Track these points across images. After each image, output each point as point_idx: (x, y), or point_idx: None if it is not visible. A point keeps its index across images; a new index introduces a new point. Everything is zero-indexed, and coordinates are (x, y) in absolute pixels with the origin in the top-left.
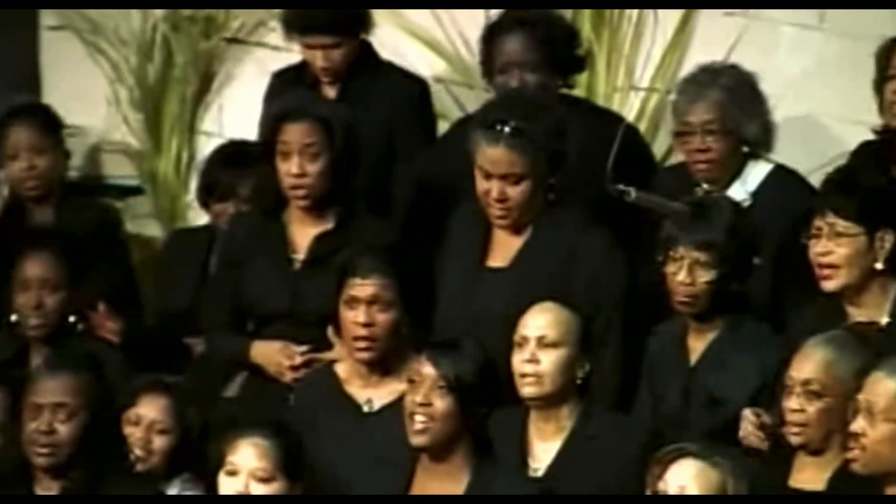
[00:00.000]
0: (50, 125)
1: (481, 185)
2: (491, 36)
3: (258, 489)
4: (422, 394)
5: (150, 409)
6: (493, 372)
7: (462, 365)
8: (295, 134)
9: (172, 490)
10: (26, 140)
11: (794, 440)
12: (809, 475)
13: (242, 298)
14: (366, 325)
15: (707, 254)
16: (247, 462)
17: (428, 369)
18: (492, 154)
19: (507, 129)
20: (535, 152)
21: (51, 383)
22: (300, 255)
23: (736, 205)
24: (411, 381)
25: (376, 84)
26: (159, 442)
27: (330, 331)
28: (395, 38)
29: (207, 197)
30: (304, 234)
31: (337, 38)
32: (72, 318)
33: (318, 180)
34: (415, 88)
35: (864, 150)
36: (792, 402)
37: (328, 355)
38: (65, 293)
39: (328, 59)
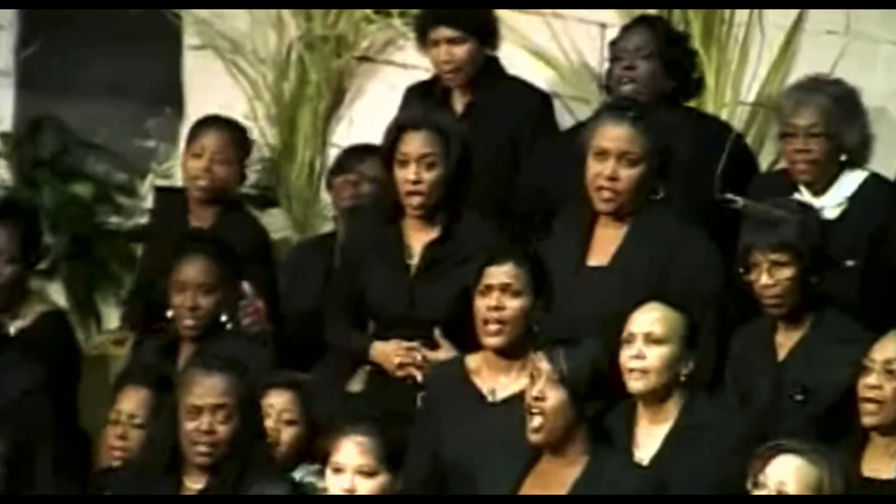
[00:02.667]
0: (238, 140)
1: (594, 168)
2: (619, 36)
3: (363, 484)
4: (537, 388)
5: (277, 401)
6: (608, 368)
7: (576, 360)
8: (413, 143)
9: (296, 475)
10: (213, 143)
11: (869, 420)
12: (881, 464)
13: (363, 300)
14: (496, 308)
15: (782, 253)
16: (351, 459)
17: (543, 364)
18: (615, 132)
19: (632, 112)
20: (653, 139)
21: (209, 384)
22: (415, 261)
23: (803, 203)
24: (531, 376)
25: (502, 98)
26: (287, 433)
27: (437, 332)
28: (511, 54)
29: (332, 174)
30: (418, 239)
31: (458, 32)
32: (223, 318)
33: (433, 188)
34: (538, 102)
35: None
36: (870, 379)
37: (439, 354)
38: (219, 295)
39: (450, 54)
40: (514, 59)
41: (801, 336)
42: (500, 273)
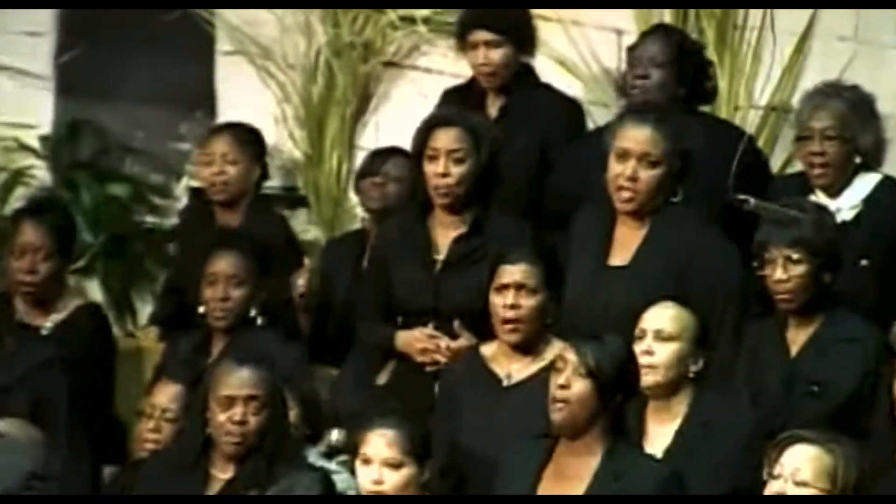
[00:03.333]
0: (244, 141)
1: (615, 168)
2: (636, 44)
3: (390, 476)
4: (564, 377)
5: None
6: (629, 364)
7: (602, 355)
8: (443, 139)
9: (311, 456)
10: (221, 147)
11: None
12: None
13: (391, 294)
14: (513, 307)
15: (796, 249)
16: (377, 452)
17: (571, 355)
18: (637, 133)
19: (653, 115)
20: (673, 142)
21: (242, 377)
22: (441, 256)
23: (818, 203)
24: (557, 368)
25: (535, 103)
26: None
27: (456, 323)
28: (535, 61)
29: (359, 177)
30: (445, 236)
31: (496, 35)
32: (252, 313)
33: (461, 182)
34: (570, 110)
35: None
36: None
37: (461, 343)
38: (249, 288)
39: (487, 58)
40: (535, 64)
41: (813, 333)
42: (515, 272)
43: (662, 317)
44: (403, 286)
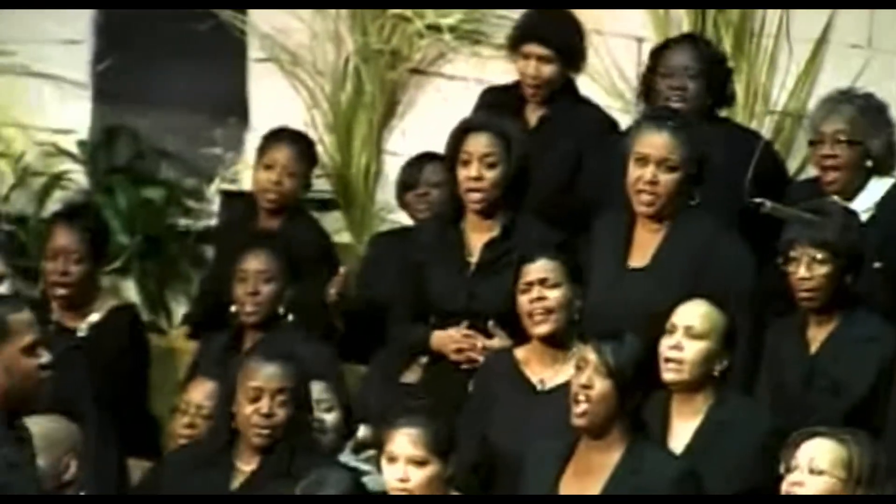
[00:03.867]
0: (305, 154)
1: (634, 172)
2: (661, 49)
3: (415, 473)
4: (585, 377)
5: (313, 392)
6: (648, 363)
7: (621, 354)
8: (476, 144)
9: (342, 458)
10: (283, 158)
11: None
12: None
13: (426, 296)
14: (539, 299)
15: (822, 250)
16: (403, 450)
17: (591, 355)
18: (655, 139)
19: (672, 121)
20: (691, 147)
21: (270, 370)
22: (474, 259)
23: (846, 207)
24: (578, 367)
25: (574, 117)
26: (330, 419)
27: (491, 323)
28: None
29: (398, 191)
30: (477, 239)
31: (549, 51)
32: (281, 310)
33: (492, 186)
34: (607, 125)
35: None
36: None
37: (494, 343)
38: (278, 286)
39: (538, 71)
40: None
41: (832, 331)
42: (536, 269)
43: (694, 314)
44: (438, 288)
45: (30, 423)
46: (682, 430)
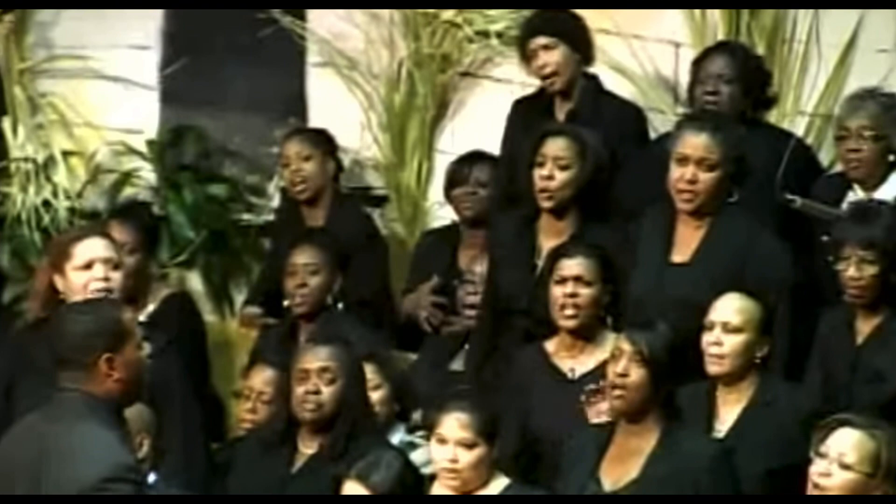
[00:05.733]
0: (314, 139)
1: (675, 172)
2: (699, 59)
3: (464, 455)
4: (621, 365)
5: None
6: (681, 351)
7: (655, 342)
8: (552, 147)
9: (395, 438)
10: (294, 148)
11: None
12: None
13: (499, 292)
14: (571, 295)
15: (870, 251)
16: (452, 433)
17: (626, 345)
18: (695, 140)
19: (711, 123)
20: (728, 148)
21: (317, 352)
22: (541, 263)
23: (894, 208)
24: (613, 356)
25: (601, 110)
26: (376, 396)
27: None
28: (596, 70)
29: (450, 188)
30: (547, 243)
31: (550, 38)
32: (329, 300)
33: (563, 187)
34: (633, 115)
35: None
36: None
37: None
38: (326, 278)
39: (546, 60)
40: (599, 74)
41: (878, 324)
42: (572, 265)
43: (729, 309)
44: (507, 286)
45: None
46: (728, 416)
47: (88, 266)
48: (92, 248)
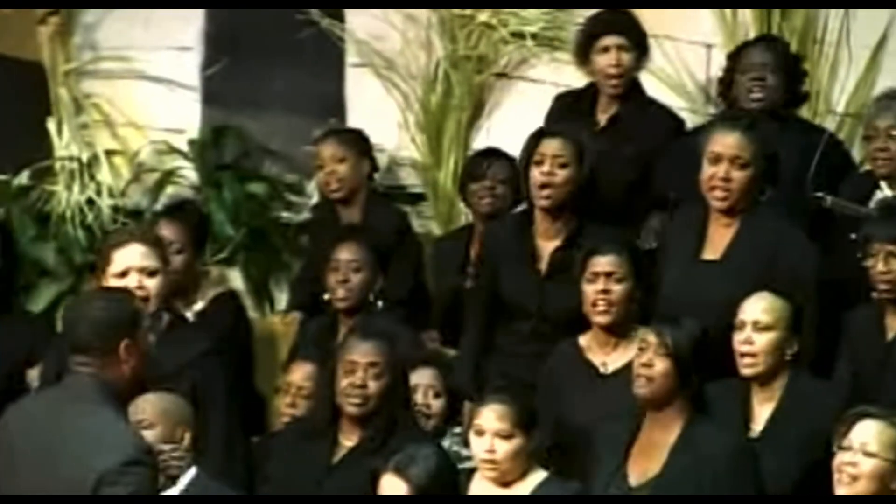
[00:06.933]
0: (349, 140)
1: (708, 170)
2: (739, 50)
3: (501, 445)
4: (646, 357)
5: (422, 378)
6: (706, 345)
7: (680, 337)
8: (550, 146)
9: (445, 442)
10: (329, 150)
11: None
12: None
13: (500, 296)
14: (604, 292)
15: None
16: (489, 424)
17: (652, 337)
18: (728, 139)
19: (743, 122)
20: (761, 146)
21: (366, 346)
22: (543, 265)
23: None
24: (640, 348)
25: (642, 116)
26: (436, 404)
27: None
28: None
29: (468, 181)
30: (545, 246)
31: (628, 41)
32: (371, 298)
33: (562, 186)
34: (674, 125)
35: None
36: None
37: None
38: (367, 275)
39: (620, 60)
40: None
41: None
42: (604, 262)
43: (758, 308)
44: (511, 288)
45: (146, 399)
46: (760, 413)
47: (124, 274)
48: (128, 256)
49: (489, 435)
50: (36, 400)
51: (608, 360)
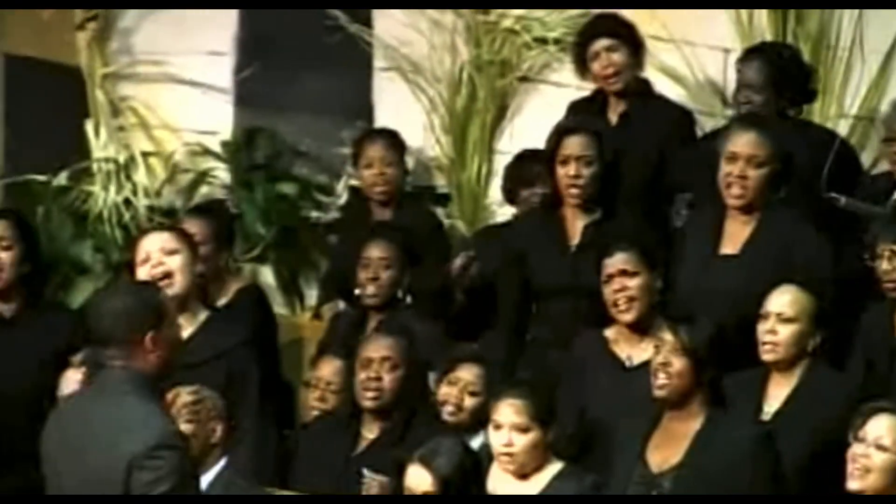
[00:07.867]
0: (396, 143)
1: (725, 168)
2: (739, 60)
3: (519, 439)
4: (663, 355)
5: (466, 374)
6: (721, 341)
7: (696, 334)
8: (573, 146)
9: (476, 442)
10: (379, 152)
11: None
12: None
13: (531, 279)
14: (621, 290)
15: None
16: (507, 418)
17: (668, 336)
18: (744, 138)
19: (759, 122)
20: (775, 146)
21: (380, 342)
22: (575, 241)
23: None
24: (656, 347)
25: (651, 111)
26: (470, 402)
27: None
28: (648, 75)
29: (513, 186)
30: (576, 225)
31: (614, 40)
32: (399, 294)
33: (590, 182)
34: (683, 117)
35: None
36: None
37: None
38: (397, 272)
39: (609, 60)
40: (651, 78)
41: None
42: (615, 261)
43: (783, 301)
44: (541, 269)
45: (180, 393)
46: (776, 397)
47: (147, 259)
48: (148, 242)
49: (507, 428)
50: (74, 400)
51: (633, 353)
